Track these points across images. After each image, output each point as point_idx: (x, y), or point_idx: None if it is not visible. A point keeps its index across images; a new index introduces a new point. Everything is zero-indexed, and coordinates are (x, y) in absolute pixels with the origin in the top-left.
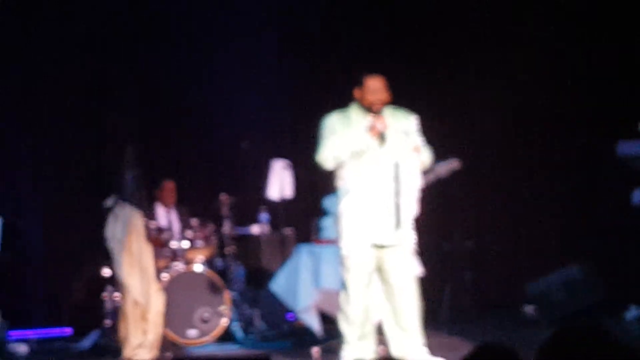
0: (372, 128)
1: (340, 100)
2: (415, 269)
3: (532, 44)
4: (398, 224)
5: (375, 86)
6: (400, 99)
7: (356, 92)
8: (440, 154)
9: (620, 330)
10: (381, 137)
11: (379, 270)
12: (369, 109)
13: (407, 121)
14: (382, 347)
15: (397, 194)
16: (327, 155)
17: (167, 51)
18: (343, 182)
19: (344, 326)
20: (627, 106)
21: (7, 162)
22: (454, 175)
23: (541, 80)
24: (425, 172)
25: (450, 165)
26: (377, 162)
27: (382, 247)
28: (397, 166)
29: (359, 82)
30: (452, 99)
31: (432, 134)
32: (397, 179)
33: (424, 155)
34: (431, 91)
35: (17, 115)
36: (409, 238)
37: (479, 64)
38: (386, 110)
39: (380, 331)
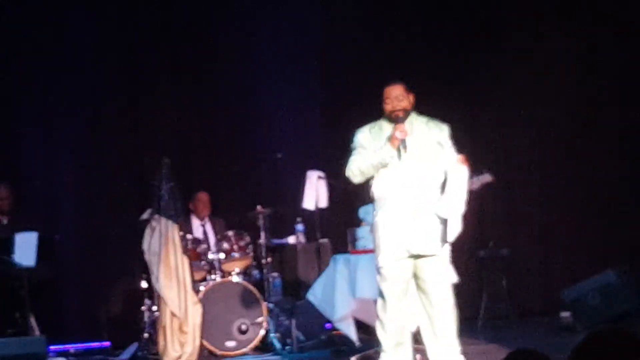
0: (392, 137)
1: (374, 111)
2: (451, 277)
3: (558, 61)
4: (431, 233)
5: (392, 94)
6: (435, 112)
7: (382, 104)
8: (474, 166)
9: None
10: (403, 145)
11: (415, 278)
12: (390, 118)
13: (441, 131)
14: (419, 355)
15: (430, 202)
16: (353, 171)
17: (205, 66)
18: (376, 193)
19: (380, 335)
20: None
21: (45, 177)
22: (489, 185)
23: (569, 95)
24: None
25: (485, 179)
26: (405, 171)
27: (417, 256)
28: (427, 175)
29: (380, 94)
30: (486, 113)
31: (467, 146)
32: (428, 187)
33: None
34: (466, 105)
35: (56, 132)
36: (444, 246)
37: (511, 79)
38: (419, 120)
39: (417, 339)
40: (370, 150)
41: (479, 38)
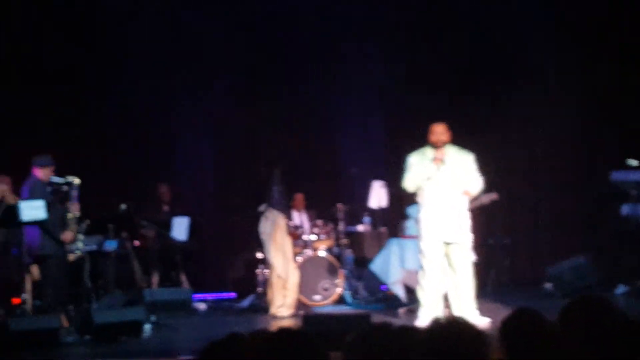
0: (435, 159)
1: (419, 141)
2: (470, 257)
3: (554, 100)
4: (458, 227)
5: (437, 130)
6: (463, 142)
7: (428, 135)
8: (485, 183)
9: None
10: (441, 164)
11: (447, 257)
12: (434, 146)
13: (468, 158)
14: (447, 310)
15: (452, 201)
16: (407, 183)
17: (309, 112)
18: (421, 197)
19: (421, 294)
20: (620, 147)
21: (193, 179)
22: (495, 200)
23: (558, 125)
24: (473, 200)
25: (492, 196)
26: (442, 182)
27: (448, 243)
28: (456, 186)
29: (429, 128)
30: (495, 143)
31: (482, 168)
32: (457, 194)
33: (478, 183)
34: (486, 140)
35: (201, 147)
36: (467, 236)
37: (515, 118)
38: (454, 149)
39: (446, 299)
40: (418, 168)
41: (487, 96)
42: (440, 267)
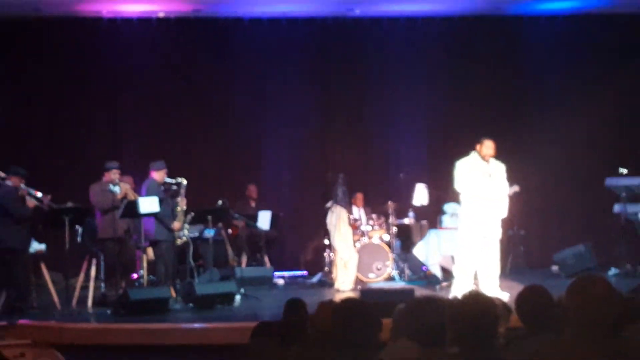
0: (484, 171)
1: (457, 151)
2: (497, 246)
3: (569, 119)
4: (494, 223)
5: (489, 144)
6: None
7: (477, 146)
8: (510, 181)
9: None
10: (489, 175)
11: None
12: (483, 158)
13: (502, 167)
14: (475, 285)
15: (494, 205)
16: (462, 185)
17: (367, 128)
18: (464, 198)
19: (458, 272)
20: (613, 158)
21: (277, 182)
22: (517, 193)
23: (568, 140)
24: None
25: (514, 189)
26: (488, 187)
27: (484, 236)
28: (496, 190)
29: (480, 140)
30: (515, 154)
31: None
32: (495, 196)
33: (507, 189)
34: (510, 150)
35: (281, 152)
36: (498, 231)
37: (534, 135)
38: (494, 160)
39: (475, 277)
40: (469, 176)
41: (518, 111)
42: (474, 254)
